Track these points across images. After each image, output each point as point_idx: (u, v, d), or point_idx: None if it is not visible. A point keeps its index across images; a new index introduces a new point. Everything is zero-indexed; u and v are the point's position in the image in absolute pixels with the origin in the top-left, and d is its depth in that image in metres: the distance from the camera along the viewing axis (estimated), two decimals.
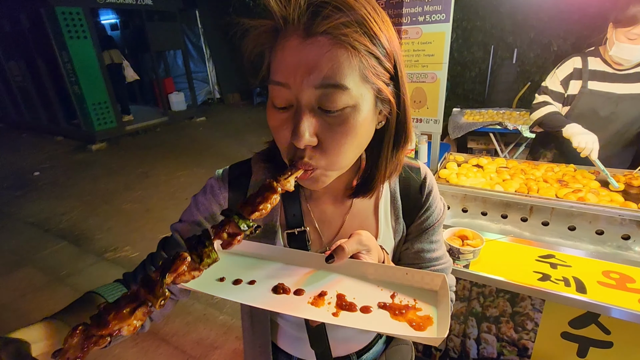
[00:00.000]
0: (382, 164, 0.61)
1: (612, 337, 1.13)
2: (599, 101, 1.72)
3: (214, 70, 9.63)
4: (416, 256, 0.73)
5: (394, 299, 0.56)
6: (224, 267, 0.62)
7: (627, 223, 1.32)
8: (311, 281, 0.60)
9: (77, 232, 3.62)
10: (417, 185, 0.72)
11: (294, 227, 0.68)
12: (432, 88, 1.37)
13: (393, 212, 0.72)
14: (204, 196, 0.70)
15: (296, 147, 0.51)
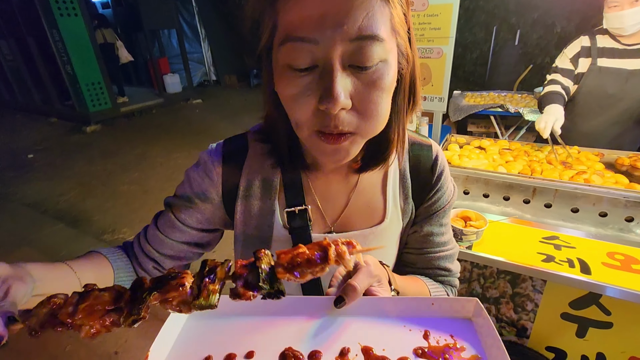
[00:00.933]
0: (394, 128, 0.55)
1: (612, 318, 1.13)
2: (608, 78, 1.72)
3: (209, 51, 9.41)
4: (424, 240, 0.70)
5: (429, 339, 0.48)
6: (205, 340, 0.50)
7: (632, 205, 1.31)
8: (323, 335, 0.50)
9: (75, 214, 3.59)
10: (428, 164, 0.68)
11: (294, 205, 0.64)
12: (438, 64, 1.32)
13: (402, 191, 0.68)
14: (196, 171, 0.66)
15: (328, 113, 0.44)
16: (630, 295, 1.00)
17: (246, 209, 0.65)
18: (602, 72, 1.72)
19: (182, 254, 0.69)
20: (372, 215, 0.67)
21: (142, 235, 0.68)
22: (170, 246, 0.67)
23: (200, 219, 0.67)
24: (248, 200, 0.65)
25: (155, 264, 0.68)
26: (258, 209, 0.65)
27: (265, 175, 0.65)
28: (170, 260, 0.68)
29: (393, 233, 0.69)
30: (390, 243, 0.69)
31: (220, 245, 0.78)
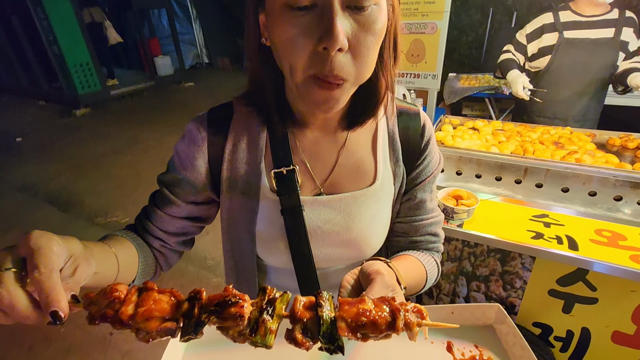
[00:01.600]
0: (382, 80, 0.56)
1: (597, 294, 1.16)
2: (576, 49, 1.83)
3: (201, 32, 9.18)
4: (417, 206, 0.71)
5: (453, 352, 0.46)
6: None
7: (621, 184, 1.32)
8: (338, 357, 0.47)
9: (66, 197, 3.56)
10: (417, 129, 0.69)
11: (281, 166, 0.62)
12: (432, 40, 1.30)
13: (392, 153, 0.68)
14: (183, 143, 0.65)
15: (326, 55, 0.44)
16: (616, 270, 1.02)
17: (232, 173, 0.64)
18: (569, 43, 1.84)
19: (184, 230, 0.69)
20: (363, 176, 0.67)
21: (142, 216, 0.68)
22: (171, 222, 0.67)
23: (193, 191, 0.66)
24: (233, 164, 0.64)
25: (162, 242, 0.68)
26: (244, 171, 0.64)
27: (251, 136, 0.64)
28: (175, 237, 0.69)
29: (385, 197, 0.69)
30: (382, 208, 0.69)
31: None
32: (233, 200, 0.66)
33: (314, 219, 0.64)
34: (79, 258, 0.41)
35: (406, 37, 1.38)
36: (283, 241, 0.65)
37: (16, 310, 0.34)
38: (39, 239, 0.37)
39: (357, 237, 0.66)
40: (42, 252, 0.36)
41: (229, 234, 0.71)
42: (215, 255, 2.65)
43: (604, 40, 1.79)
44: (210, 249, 2.68)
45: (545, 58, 1.91)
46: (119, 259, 0.55)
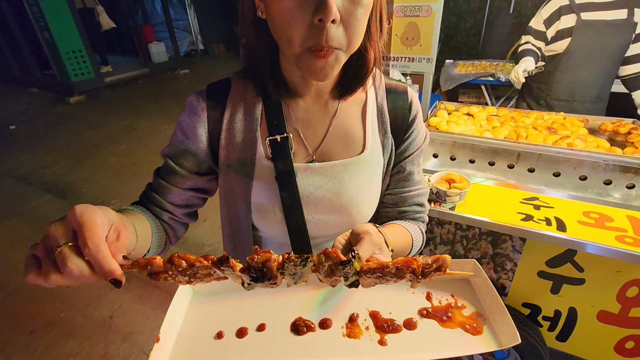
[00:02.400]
0: (370, 51, 0.61)
1: (584, 275, 1.19)
2: (593, 30, 1.82)
3: (196, 18, 9.02)
4: (406, 178, 0.76)
5: (432, 300, 0.51)
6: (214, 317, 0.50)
7: (611, 168, 1.35)
8: (330, 303, 0.51)
9: (63, 186, 3.55)
10: (405, 104, 0.73)
11: (275, 134, 0.66)
12: (426, 23, 1.30)
13: (381, 125, 0.72)
14: (184, 114, 0.68)
15: (321, 26, 0.49)
16: (604, 250, 1.05)
17: (229, 142, 0.67)
18: (587, 25, 1.82)
19: (190, 201, 0.72)
20: (353, 145, 0.70)
21: (148, 190, 0.71)
22: (177, 194, 0.70)
23: (196, 161, 0.69)
24: (231, 132, 0.67)
25: (170, 214, 0.71)
26: (241, 140, 0.67)
27: (247, 107, 0.68)
28: (181, 209, 0.72)
29: (374, 167, 0.72)
30: (372, 177, 0.73)
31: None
32: (230, 167, 0.69)
33: (307, 185, 0.68)
34: (119, 225, 0.45)
35: (401, 20, 1.37)
36: (277, 207, 0.68)
37: (85, 278, 0.40)
38: (83, 214, 0.40)
39: (348, 203, 0.70)
40: (88, 226, 0.40)
41: (226, 200, 0.74)
42: (213, 241, 2.68)
43: (619, 22, 1.79)
44: (208, 236, 2.71)
45: (563, 41, 1.89)
46: (137, 230, 0.57)
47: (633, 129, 1.55)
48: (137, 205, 0.70)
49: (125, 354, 1.89)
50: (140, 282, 2.29)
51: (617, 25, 1.80)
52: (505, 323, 0.45)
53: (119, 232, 0.44)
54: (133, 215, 0.63)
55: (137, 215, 0.64)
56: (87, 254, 0.39)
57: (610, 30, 1.81)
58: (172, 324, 0.49)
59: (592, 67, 1.91)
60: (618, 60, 1.91)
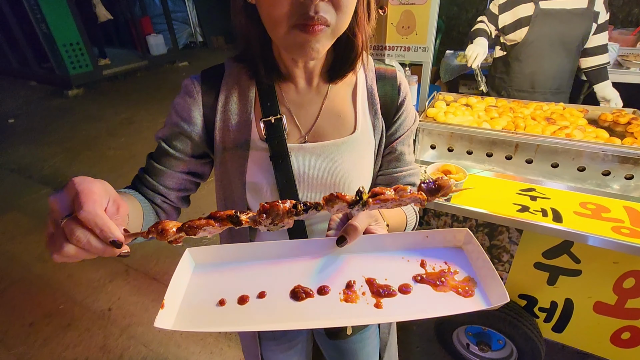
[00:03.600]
0: (359, 35, 0.62)
1: (581, 266, 1.18)
2: (552, 19, 1.80)
3: (194, 10, 8.92)
4: (397, 159, 0.78)
5: (426, 267, 0.53)
6: (216, 286, 0.52)
7: (609, 159, 1.33)
8: (328, 271, 0.53)
9: (61, 179, 3.56)
10: (394, 87, 0.74)
11: (269, 115, 0.67)
12: (422, 11, 1.27)
13: (371, 106, 0.73)
14: (179, 97, 0.69)
15: (309, 2, 0.49)
16: (598, 241, 1.04)
17: (224, 124, 0.68)
18: (545, 14, 1.79)
19: (183, 185, 0.73)
20: (344, 125, 0.72)
21: (141, 173, 0.71)
22: (170, 176, 0.70)
23: (190, 143, 0.70)
24: (226, 115, 0.68)
25: (163, 198, 0.71)
26: (236, 122, 0.68)
27: (241, 90, 0.69)
28: (175, 192, 0.72)
29: (366, 147, 0.74)
30: (363, 156, 0.74)
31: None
32: (226, 149, 0.69)
33: (300, 165, 0.69)
34: (117, 198, 0.45)
35: (396, 9, 1.35)
36: (272, 186, 0.69)
37: (94, 248, 0.40)
38: (80, 183, 0.41)
39: (341, 181, 0.71)
40: (84, 192, 0.40)
41: (221, 182, 0.75)
42: None
43: (580, 11, 1.76)
44: None
45: (522, 30, 1.87)
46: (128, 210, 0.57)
47: (633, 119, 1.53)
48: (129, 189, 0.70)
49: (123, 345, 1.90)
50: (138, 274, 2.30)
51: (578, 14, 1.77)
52: (495, 285, 0.47)
53: (118, 206, 0.44)
54: (125, 196, 0.63)
55: (129, 197, 0.64)
56: (82, 218, 0.39)
57: (571, 19, 1.78)
58: (175, 292, 0.51)
59: (552, 57, 1.88)
60: (579, 51, 1.88)
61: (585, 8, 1.75)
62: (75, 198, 0.40)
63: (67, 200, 0.41)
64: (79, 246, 0.40)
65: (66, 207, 0.41)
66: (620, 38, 3.13)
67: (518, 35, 1.90)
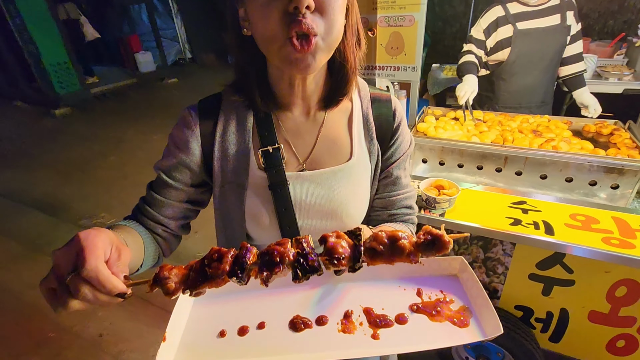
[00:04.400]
0: (350, 61, 0.64)
1: (574, 276, 1.20)
2: (530, 39, 1.88)
3: (182, 27, 8.99)
4: (394, 183, 0.78)
5: (422, 296, 0.54)
6: (216, 317, 0.53)
7: (595, 169, 1.37)
8: (326, 301, 0.54)
9: (51, 202, 3.49)
10: (389, 113, 0.76)
11: (267, 145, 0.68)
12: (410, 32, 1.32)
13: (367, 132, 0.74)
14: (177, 128, 0.70)
15: (297, 13, 0.51)
16: (589, 252, 1.07)
17: (223, 154, 0.69)
18: (523, 34, 1.88)
19: (183, 214, 0.74)
20: (340, 153, 0.73)
21: (141, 204, 0.72)
22: (170, 206, 0.71)
23: (189, 173, 0.71)
24: (224, 145, 0.69)
25: (164, 227, 0.72)
26: (234, 152, 0.69)
27: (239, 120, 0.70)
28: (175, 221, 0.73)
29: (362, 173, 0.75)
30: (360, 182, 0.75)
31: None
32: (224, 178, 0.70)
33: (299, 193, 0.70)
34: (119, 244, 0.47)
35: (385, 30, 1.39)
36: (271, 214, 0.70)
37: (100, 301, 0.43)
38: (85, 238, 0.43)
39: (338, 208, 0.72)
40: (88, 248, 0.42)
41: (220, 211, 0.75)
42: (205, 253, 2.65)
43: (553, 27, 1.86)
44: (199, 248, 2.68)
45: (504, 51, 1.95)
46: (128, 245, 0.58)
47: (615, 130, 1.59)
48: (130, 219, 0.70)
49: None
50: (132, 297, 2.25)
51: (552, 30, 1.87)
52: (490, 315, 0.48)
53: (119, 252, 0.47)
54: (125, 231, 0.64)
55: (129, 230, 0.65)
56: (86, 276, 0.41)
57: (546, 36, 1.88)
58: (177, 324, 0.52)
59: (534, 73, 1.97)
60: (557, 64, 1.98)
61: (558, 24, 1.85)
62: (79, 254, 0.42)
63: (71, 256, 0.43)
64: (85, 301, 0.42)
65: (70, 263, 0.42)
66: (598, 50, 3.25)
67: (500, 56, 1.98)
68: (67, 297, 0.42)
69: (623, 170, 1.32)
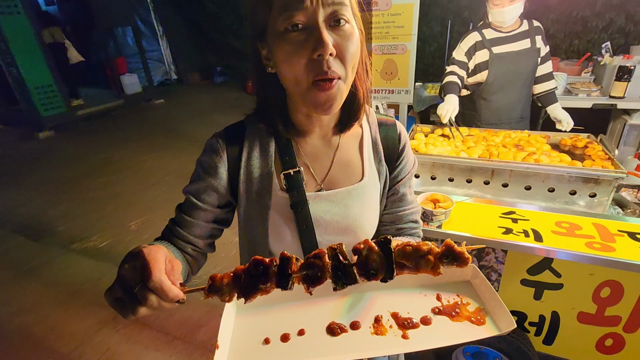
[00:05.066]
0: (360, 90, 0.72)
1: (562, 280, 1.29)
2: (506, 61, 2.06)
3: (168, 48, 9.08)
4: (400, 199, 0.86)
5: (442, 300, 0.60)
6: (259, 326, 0.59)
7: (574, 180, 1.49)
8: (356, 308, 0.59)
9: (37, 225, 3.41)
10: (395, 136, 0.83)
11: (289, 168, 0.75)
12: (403, 59, 1.43)
13: (375, 155, 0.82)
14: (205, 155, 0.76)
15: (321, 60, 0.58)
16: (575, 257, 1.16)
17: (248, 177, 0.76)
18: (499, 57, 2.06)
19: (210, 233, 0.80)
20: (353, 174, 0.80)
21: (172, 225, 0.77)
22: (199, 226, 0.77)
23: (217, 196, 0.77)
24: (249, 169, 0.76)
25: (193, 246, 0.78)
26: (258, 175, 0.76)
27: (262, 146, 0.77)
28: (202, 240, 0.79)
29: (373, 191, 0.82)
30: (371, 200, 0.82)
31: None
32: (249, 199, 0.77)
33: (317, 211, 0.77)
34: (172, 258, 0.54)
35: (380, 57, 1.50)
36: (293, 231, 0.77)
37: (163, 307, 0.49)
38: (148, 254, 0.49)
39: (353, 224, 0.79)
40: (152, 262, 0.48)
41: (245, 230, 0.81)
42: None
43: (525, 50, 2.05)
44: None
45: (482, 73, 2.12)
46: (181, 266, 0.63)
47: (588, 143, 1.73)
48: (161, 240, 0.76)
49: None
50: (128, 322, 2.22)
51: (524, 53, 2.05)
52: (503, 313, 0.55)
53: (172, 265, 0.53)
54: None
55: None
56: (152, 287, 0.47)
57: (519, 58, 2.05)
58: (225, 334, 0.57)
59: (511, 92, 2.15)
60: (532, 82, 2.17)
61: (529, 47, 2.04)
62: (144, 267, 0.48)
63: (136, 269, 0.49)
64: (151, 308, 0.48)
65: (136, 275, 0.49)
66: (567, 69, 3.50)
67: (480, 78, 2.14)
68: (136, 304, 0.48)
69: (599, 180, 1.45)
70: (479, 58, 2.10)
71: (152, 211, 3.38)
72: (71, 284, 2.60)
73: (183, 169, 4.33)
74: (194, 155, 0.78)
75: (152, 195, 3.71)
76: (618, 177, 1.40)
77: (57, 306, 2.41)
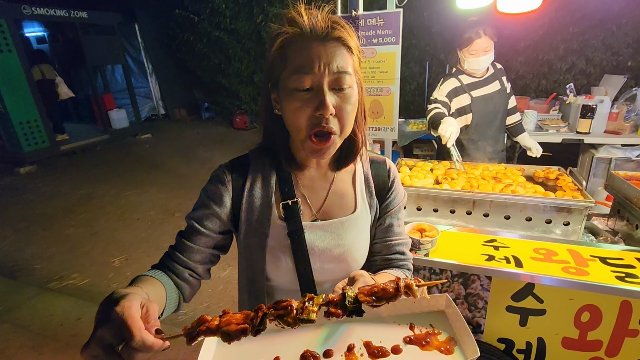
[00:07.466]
0: (359, 134, 0.80)
1: (544, 305, 1.34)
2: (484, 103, 2.27)
3: (157, 85, 9.28)
4: (387, 230, 0.91)
5: (414, 330, 0.63)
6: (238, 355, 0.61)
7: (549, 209, 1.59)
8: (331, 337, 0.62)
9: (11, 264, 3.26)
10: (385, 172, 0.91)
11: (287, 199, 0.81)
12: (387, 100, 1.56)
13: (367, 189, 0.89)
14: (211, 184, 0.82)
15: (321, 118, 0.68)
16: (554, 281, 1.22)
17: (249, 206, 0.82)
18: (478, 99, 2.26)
19: (209, 259, 0.83)
20: (346, 206, 0.87)
21: (172, 251, 0.81)
22: (199, 252, 0.81)
23: (219, 223, 0.81)
24: (251, 198, 0.82)
25: (190, 271, 0.81)
26: (259, 204, 0.81)
27: (264, 177, 0.83)
28: (201, 265, 0.82)
29: (364, 222, 0.88)
30: (363, 231, 0.88)
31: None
32: (249, 227, 0.82)
33: (313, 239, 0.82)
34: (147, 302, 0.55)
35: (367, 99, 1.63)
36: (289, 258, 0.81)
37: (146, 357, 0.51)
38: (123, 312, 0.50)
39: (345, 252, 0.84)
40: (129, 321, 0.49)
41: (245, 255, 0.85)
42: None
43: (497, 91, 2.28)
44: None
45: (467, 116, 2.30)
46: (151, 298, 0.64)
47: (559, 175, 1.86)
48: (157, 269, 0.78)
49: None
50: None
51: (497, 93, 2.28)
52: (469, 342, 0.58)
53: (147, 308, 0.54)
54: (149, 283, 0.70)
55: (153, 282, 0.72)
56: (136, 346, 0.49)
57: (495, 98, 2.27)
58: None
59: (492, 129, 2.35)
60: (505, 118, 2.40)
61: (500, 88, 2.28)
62: (123, 328, 0.49)
63: (114, 330, 0.50)
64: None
65: (115, 335, 0.50)
66: (537, 107, 3.78)
67: (464, 121, 2.31)
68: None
69: (571, 209, 1.55)
70: (462, 102, 2.27)
71: (135, 248, 3.31)
72: (47, 326, 2.47)
73: (167, 204, 4.28)
74: (178, 190, 0.84)
75: (135, 231, 3.64)
76: (587, 206, 1.51)
77: (31, 349, 2.27)
